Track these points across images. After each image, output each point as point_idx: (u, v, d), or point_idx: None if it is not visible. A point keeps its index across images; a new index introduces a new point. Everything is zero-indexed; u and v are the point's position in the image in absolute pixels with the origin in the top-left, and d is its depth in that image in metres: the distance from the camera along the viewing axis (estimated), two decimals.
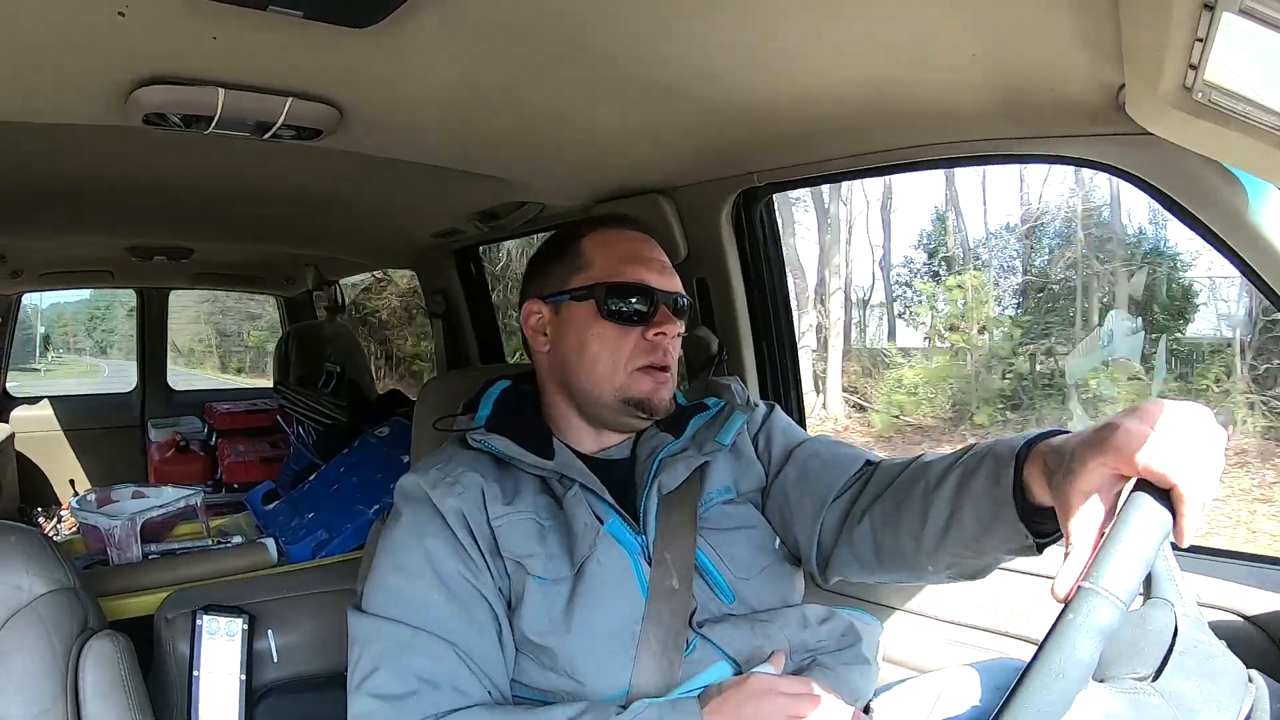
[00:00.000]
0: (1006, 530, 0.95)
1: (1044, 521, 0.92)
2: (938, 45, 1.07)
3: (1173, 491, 0.73)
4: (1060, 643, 0.70)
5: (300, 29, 1.02)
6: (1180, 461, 0.73)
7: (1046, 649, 0.71)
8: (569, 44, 1.13)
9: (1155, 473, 0.74)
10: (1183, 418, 0.76)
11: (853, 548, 1.16)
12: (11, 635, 1.28)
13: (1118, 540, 0.72)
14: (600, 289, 1.21)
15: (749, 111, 1.36)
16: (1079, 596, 0.71)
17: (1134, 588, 0.71)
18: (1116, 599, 0.70)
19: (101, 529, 2.14)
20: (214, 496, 3.23)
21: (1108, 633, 0.70)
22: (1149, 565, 0.73)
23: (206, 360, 17.44)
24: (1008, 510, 0.93)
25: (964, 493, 1.00)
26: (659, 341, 1.21)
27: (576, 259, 1.25)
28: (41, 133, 1.41)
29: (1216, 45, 0.72)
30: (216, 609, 1.58)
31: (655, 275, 1.23)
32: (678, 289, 1.25)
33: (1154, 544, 0.73)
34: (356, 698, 1.05)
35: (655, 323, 1.21)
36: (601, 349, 1.21)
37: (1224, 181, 1.09)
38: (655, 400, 1.21)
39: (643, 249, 1.26)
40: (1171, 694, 0.78)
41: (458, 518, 1.13)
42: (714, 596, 1.17)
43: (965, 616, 1.50)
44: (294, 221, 2.58)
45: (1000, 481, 0.94)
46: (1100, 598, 0.70)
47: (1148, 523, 0.73)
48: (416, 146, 1.58)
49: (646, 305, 1.21)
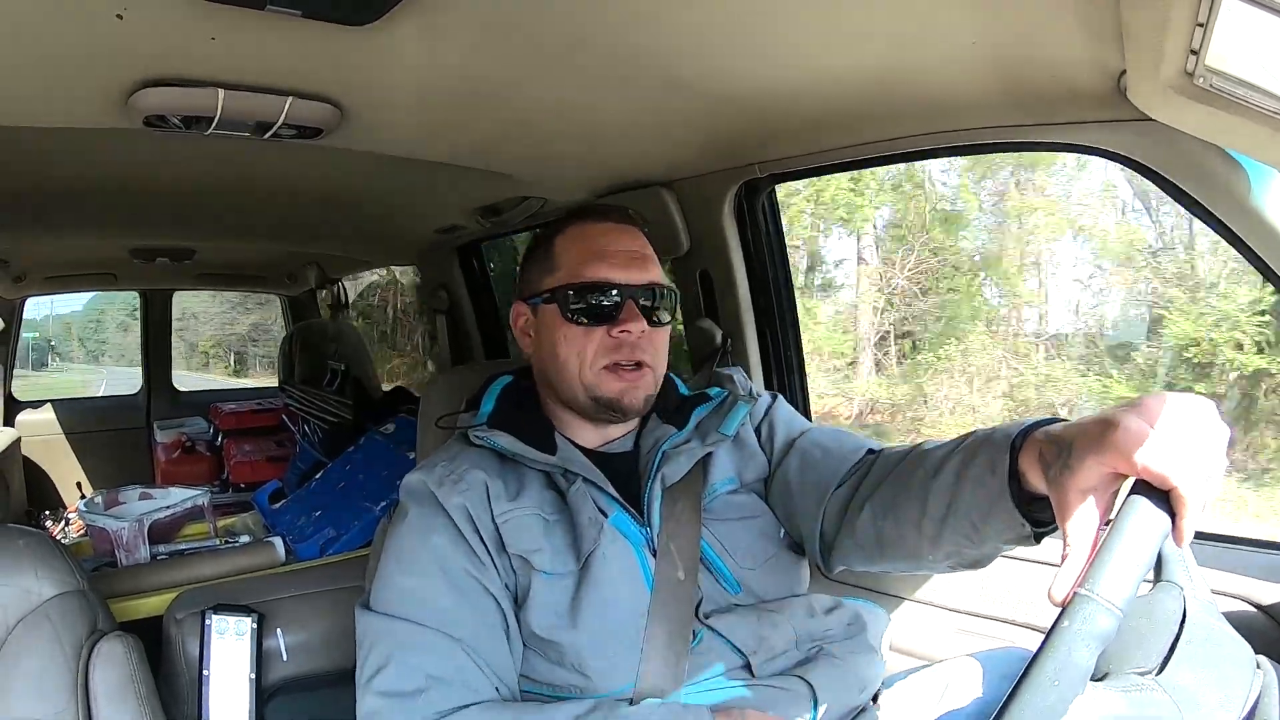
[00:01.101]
0: (1004, 520, 0.93)
1: (1042, 510, 0.90)
2: (939, 34, 1.07)
3: (1171, 494, 0.72)
4: (1056, 650, 0.69)
5: (299, 28, 1.02)
6: (1180, 462, 0.71)
7: (1042, 656, 0.70)
8: (569, 37, 1.13)
9: (1154, 474, 0.72)
10: (1184, 414, 0.74)
11: (855, 537, 1.15)
12: (22, 638, 1.29)
13: (1114, 546, 0.71)
14: (561, 291, 1.21)
15: (751, 102, 1.36)
16: (1075, 603, 0.70)
17: (1130, 594, 0.70)
18: (1113, 606, 0.69)
19: (109, 531, 2.15)
20: (221, 496, 3.24)
21: (1105, 639, 0.69)
22: (1147, 569, 0.71)
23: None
24: (1004, 500, 0.92)
25: (961, 481, 0.99)
26: (624, 339, 1.19)
27: (548, 260, 1.25)
28: (43, 136, 1.41)
29: (1218, 29, 0.72)
30: (225, 608, 1.58)
31: (620, 270, 1.21)
32: (652, 279, 1.23)
33: (1151, 549, 0.71)
34: (365, 695, 1.05)
35: (619, 320, 1.19)
36: (569, 351, 1.20)
37: (1226, 166, 1.08)
38: (625, 401, 1.20)
39: (612, 241, 1.24)
40: (1175, 687, 0.78)
41: (463, 515, 1.13)
42: (719, 587, 1.18)
43: (972, 605, 1.50)
44: (296, 220, 2.59)
45: (996, 470, 0.93)
46: (1096, 605, 0.69)
47: (1145, 527, 0.71)
48: (417, 143, 1.58)
49: (610, 302, 1.20)
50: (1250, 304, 5.37)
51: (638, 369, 1.21)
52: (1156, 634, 0.81)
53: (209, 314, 16.38)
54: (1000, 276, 7.65)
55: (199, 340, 17.22)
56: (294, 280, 4.21)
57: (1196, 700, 0.77)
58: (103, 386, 13.50)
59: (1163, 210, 6.37)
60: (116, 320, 19.35)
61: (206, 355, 17.85)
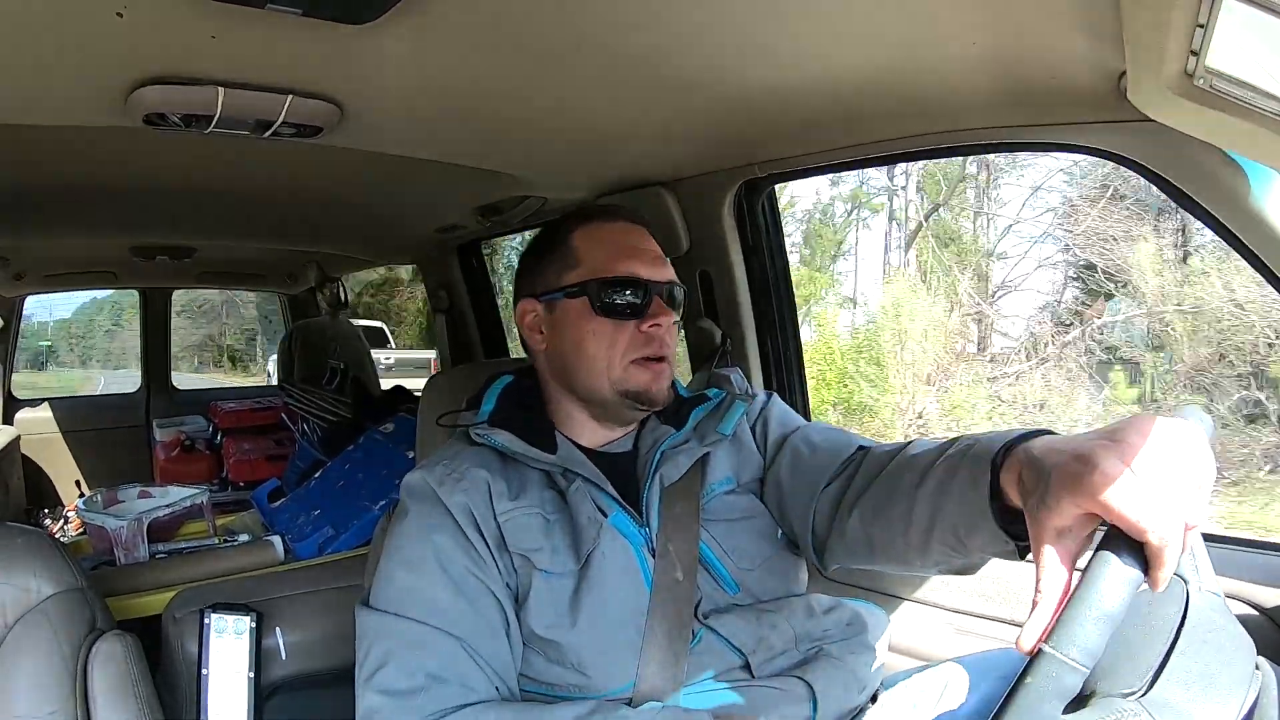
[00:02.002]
0: (986, 535, 0.92)
1: (1024, 525, 0.89)
2: (939, 34, 1.07)
3: (1146, 546, 0.70)
4: (1019, 709, 0.69)
5: (298, 26, 1.02)
6: (1157, 512, 0.69)
7: (1007, 712, 0.70)
8: (569, 37, 1.12)
9: (1130, 524, 0.70)
10: (1166, 453, 0.72)
11: (845, 538, 1.15)
12: (21, 636, 1.29)
13: (1082, 601, 0.70)
14: (593, 285, 1.21)
15: (750, 102, 1.36)
16: (1040, 660, 0.69)
17: (1097, 649, 0.69)
18: (1077, 664, 0.68)
19: (108, 529, 2.15)
20: (220, 495, 3.23)
21: (1069, 693, 0.69)
22: (1116, 623, 0.70)
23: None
24: (986, 518, 0.91)
25: (944, 495, 0.98)
26: (654, 333, 1.21)
27: (567, 255, 1.25)
28: (43, 135, 1.42)
29: (1218, 31, 0.72)
30: (224, 607, 1.58)
31: (646, 267, 1.23)
32: (671, 278, 1.25)
33: (1122, 603, 0.70)
34: (364, 693, 1.05)
35: (649, 315, 1.21)
36: (598, 345, 1.21)
37: (1225, 167, 1.08)
38: (653, 391, 1.22)
39: (633, 240, 1.26)
40: (1165, 705, 0.76)
41: (464, 514, 1.13)
42: (718, 587, 1.18)
43: (971, 605, 1.50)
44: (296, 219, 2.59)
45: (978, 487, 0.92)
46: (1060, 663, 0.69)
47: (1116, 582, 0.70)
48: (417, 142, 1.58)
49: (640, 298, 1.21)
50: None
51: (661, 361, 1.22)
52: (1150, 643, 0.79)
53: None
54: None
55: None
56: (294, 279, 4.20)
57: (1189, 717, 0.76)
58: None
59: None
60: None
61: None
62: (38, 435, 4.08)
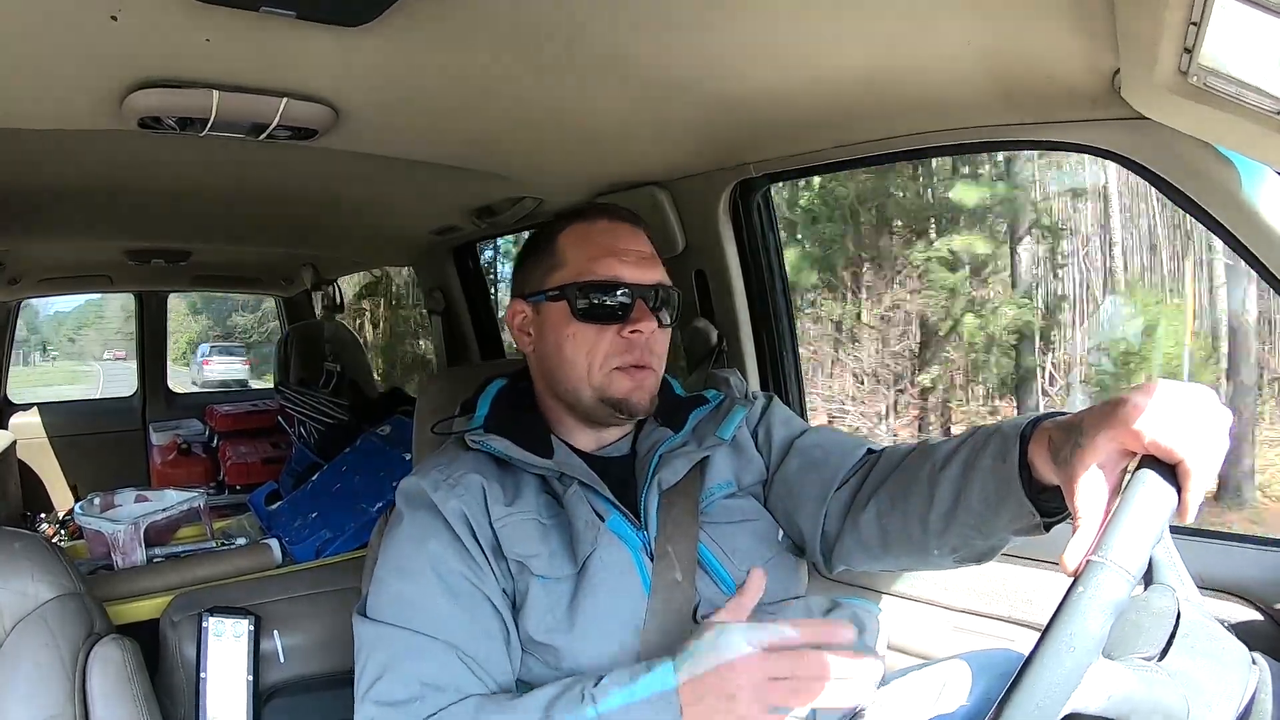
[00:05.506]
0: (1013, 508, 0.95)
1: (1049, 500, 0.92)
2: (933, 33, 1.07)
3: (1178, 467, 0.74)
4: (1071, 616, 0.71)
5: (293, 29, 1.02)
6: (1187, 438, 0.74)
7: (1057, 622, 0.71)
8: (563, 38, 1.12)
9: (1163, 448, 0.74)
10: (1190, 396, 0.77)
11: (858, 534, 1.16)
12: (18, 641, 1.29)
13: (1124, 515, 0.73)
14: (572, 288, 1.19)
15: (745, 102, 1.36)
16: (1088, 570, 0.72)
17: (1142, 562, 0.72)
18: (1125, 571, 0.70)
19: (105, 534, 2.14)
20: (217, 498, 3.21)
21: (1117, 606, 0.70)
22: (1156, 540, 0.73)
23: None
24: (1014, 487, 0.93)
25: (970, 472, 1.00)
26: (635, 339, 1.19)
27: (552, 256, 1.24)
28: (37, 138, 1.41)
29: (1211, 28, 0.72)
30: (222, 610, 1.58)
31: (631, 269, 1.20)
32: (658, 280, 1.23)
33: (1161, 519, 0.73)
34: (362, 705, 1.05)
35: (631, 320, 1.19)
36: (576, 350, 1.19)
37: (1219, 164, 1.08)
38: (634, 400, 1.20)
39: (620, 240, 1.23)
40: (1178, 673, 0.79)
41: (460, 519, 1.12)
42: (718, 590, 1.17)
43: (969, 604, 1.50)
44: (291, 221, 2.58)
45: (1006, 459, 0.95)
46: (1109, 570, 0.70)
47: (1154, 498, 0.73)
48: (412, 144, 1.58)
49: (621, 302, 1.19)
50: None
51: (643, 369, 1.20)
52: (1155, 626, 0.82)
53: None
54: None
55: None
56: (289, 282, 4.20)
57: (1199, 686, 0.78)
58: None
59: None
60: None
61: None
62: (34, 440, 4.07)
